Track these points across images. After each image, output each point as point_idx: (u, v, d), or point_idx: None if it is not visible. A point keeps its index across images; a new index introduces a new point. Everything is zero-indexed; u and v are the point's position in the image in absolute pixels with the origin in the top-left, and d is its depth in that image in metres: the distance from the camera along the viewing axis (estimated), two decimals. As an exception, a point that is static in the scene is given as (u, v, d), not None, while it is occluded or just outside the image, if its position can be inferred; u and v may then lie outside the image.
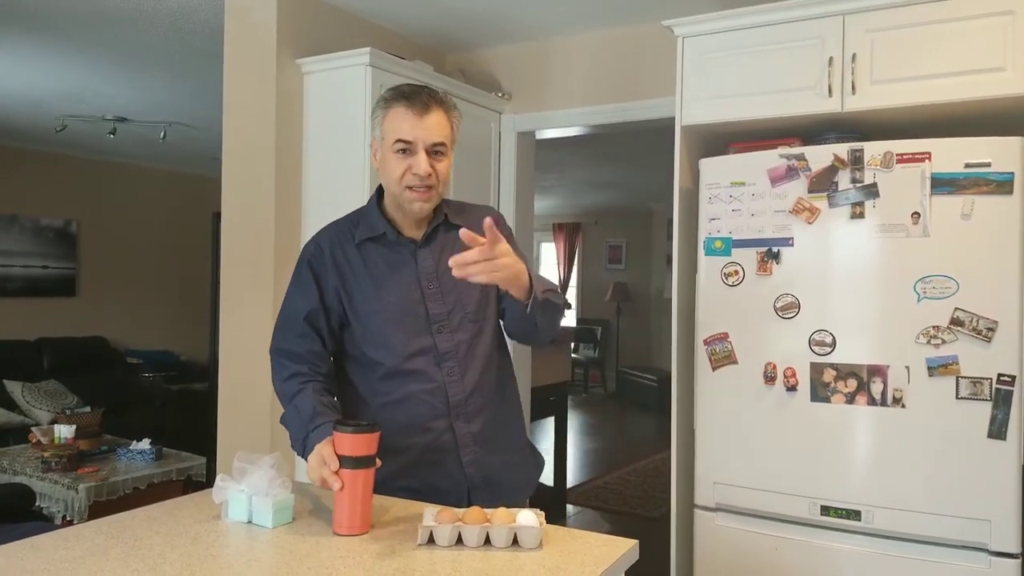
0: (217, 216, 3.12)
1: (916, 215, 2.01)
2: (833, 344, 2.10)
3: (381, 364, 1.56)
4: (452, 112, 1.56)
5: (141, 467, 3.85)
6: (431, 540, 1.26)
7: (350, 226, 1.62)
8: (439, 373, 1.55)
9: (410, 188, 1.50)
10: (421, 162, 1.48)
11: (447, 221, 1.59)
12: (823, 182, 2.12)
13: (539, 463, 1.76)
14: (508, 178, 3.52)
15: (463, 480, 1.56)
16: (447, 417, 1.55)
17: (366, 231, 1.58)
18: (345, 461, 1.29)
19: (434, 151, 1.50)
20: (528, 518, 1.27)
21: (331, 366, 1.63)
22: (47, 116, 5.00)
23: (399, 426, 1.52)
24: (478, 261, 1.32)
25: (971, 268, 1.95)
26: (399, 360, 1.54)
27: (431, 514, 1.30)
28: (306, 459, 1.42)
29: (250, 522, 1.35)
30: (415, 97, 1.50)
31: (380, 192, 1.62)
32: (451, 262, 1.33)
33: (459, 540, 1.26)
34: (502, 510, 1.30)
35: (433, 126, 1.49)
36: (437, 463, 1.55)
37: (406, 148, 1.49)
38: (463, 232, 1.33)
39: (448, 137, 1.53)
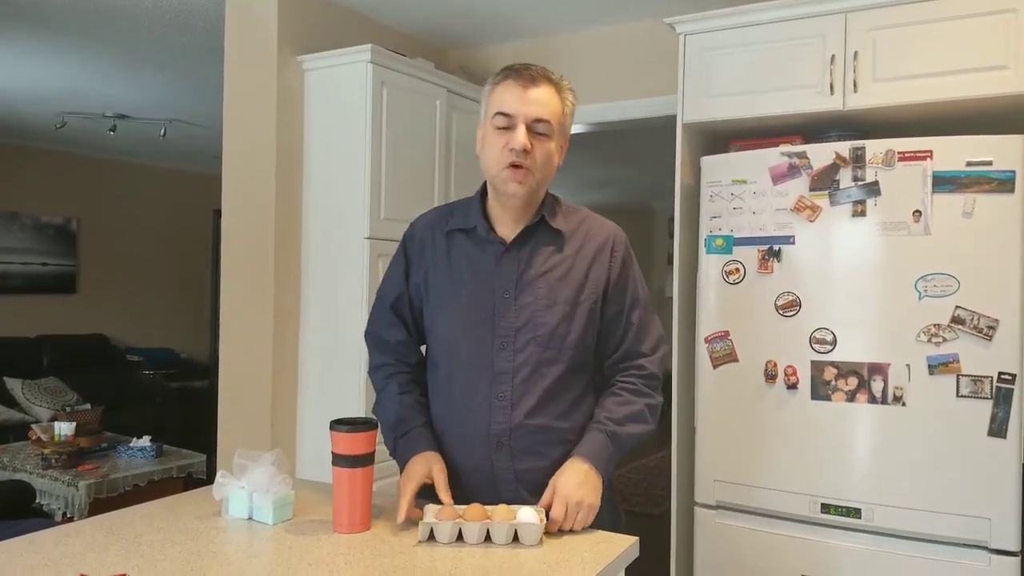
0: (217, 213, 3.11)
1: (917, 213, 2.00)
2: (834, 342, 2.10)
3: (438, 367, 1.47)
4: (564, 93, 1.40)
5: (141, 464, 3.85)
6: (432, 537, 1.26)
7: (448, 213, 1.50)
8: (488, 395, 1.39)
9: (506, 167, 1.35)
10: (519, 135, 1.33)
11: (545, 223, 1.42)
12: (824, 180, 2.12)
13: (616, 521, 1.47)
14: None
15: None
16: (485, 446, 1.40)
17: (459, 220, 1.46)
18: (343, 459, 1.29)
19: (536, 129, 1.35)
20: (529, 515, 1.27)
21: (420, 355, 1.54)
22: (47, 113, 5.00)
23: (446, 440, 1.44)
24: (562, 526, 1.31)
25: (972, 266, 1.95)
26: (452, 369, 1.43)
27: (432, 511, 1.30)
28: (398, 464, 1.43)
29: (250, 519, 1.35)
30: (523, 70, 1.37)
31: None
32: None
33: (460, 537, 1.26)
34: (502, 507, 1.29)
35: (538, 99, 1.35)
36: (474, 491, 1.41)
37: (506, 124, 1.35)
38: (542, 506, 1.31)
39: (555, 117, 1.37)
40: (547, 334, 1.39)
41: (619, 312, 1.46)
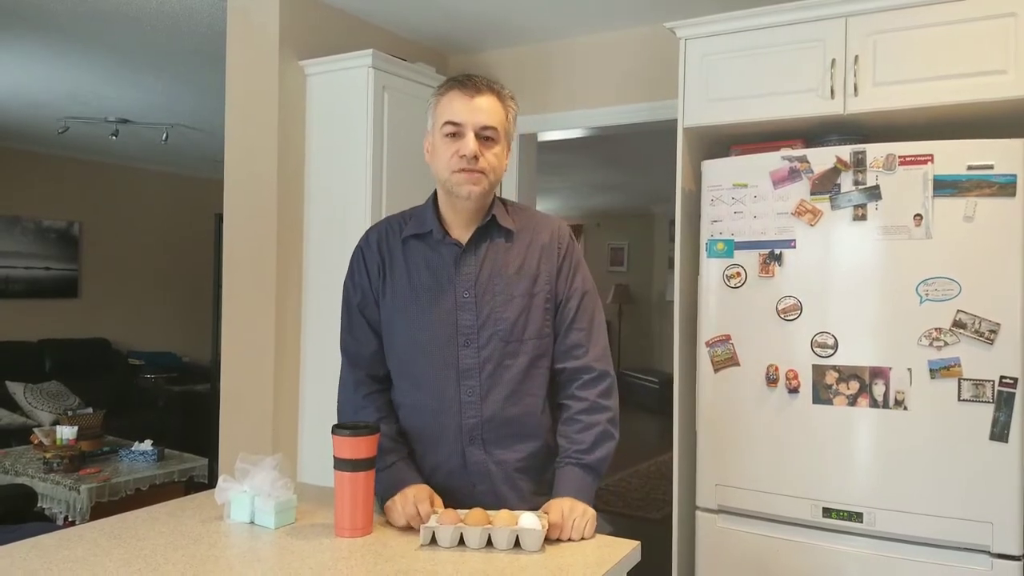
0: (219, 218, 3.12)
1: (918, 217, 2.00)
2: (835, 346, 2.10)
3: (405, 368, 1.51)
4: (507, 101, 1.48)
5: (143, 468, 3.85)
6: (433, 541, 1.26)
7: (402, 221, 1.56)
8: (457, 391, 1.46)
9: (458, 171, 1.42)
10: (468, 142, 1.41)
11: (496, 223, 1.50)
12: (825, 184, 2.12)
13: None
14: (510, 180, 3.52)
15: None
16: (458, 441, 1.46)
17: (414, 226, 1.52)
18: (344, 464, 1.29)
19: (484, 136, 1.43)
20: (530, 520, 1.27)
21: (386, 366, 1.56)
22: (49, 118, 5.01)
23: (415, 437, 1.49)
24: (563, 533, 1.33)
25: (973, 270, 1.95)
26: (418, 369, 1.49)
27: (433, 516, 1.31)
28: (377, 494, 1.41)
29: (252, 523, 1.36)
30: (468, 81, 1.45)
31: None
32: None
33: (461, 541, 1.26)
34: (504, 512, 1.30)
35: (483, 108, 1.43)
36: (448, 486, 1.47)
37: (455, 131, 1.42)
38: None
39: (500, 124, 1.45)
40: (508, 328, 1.46)
41: (562, 301, 1.52)
